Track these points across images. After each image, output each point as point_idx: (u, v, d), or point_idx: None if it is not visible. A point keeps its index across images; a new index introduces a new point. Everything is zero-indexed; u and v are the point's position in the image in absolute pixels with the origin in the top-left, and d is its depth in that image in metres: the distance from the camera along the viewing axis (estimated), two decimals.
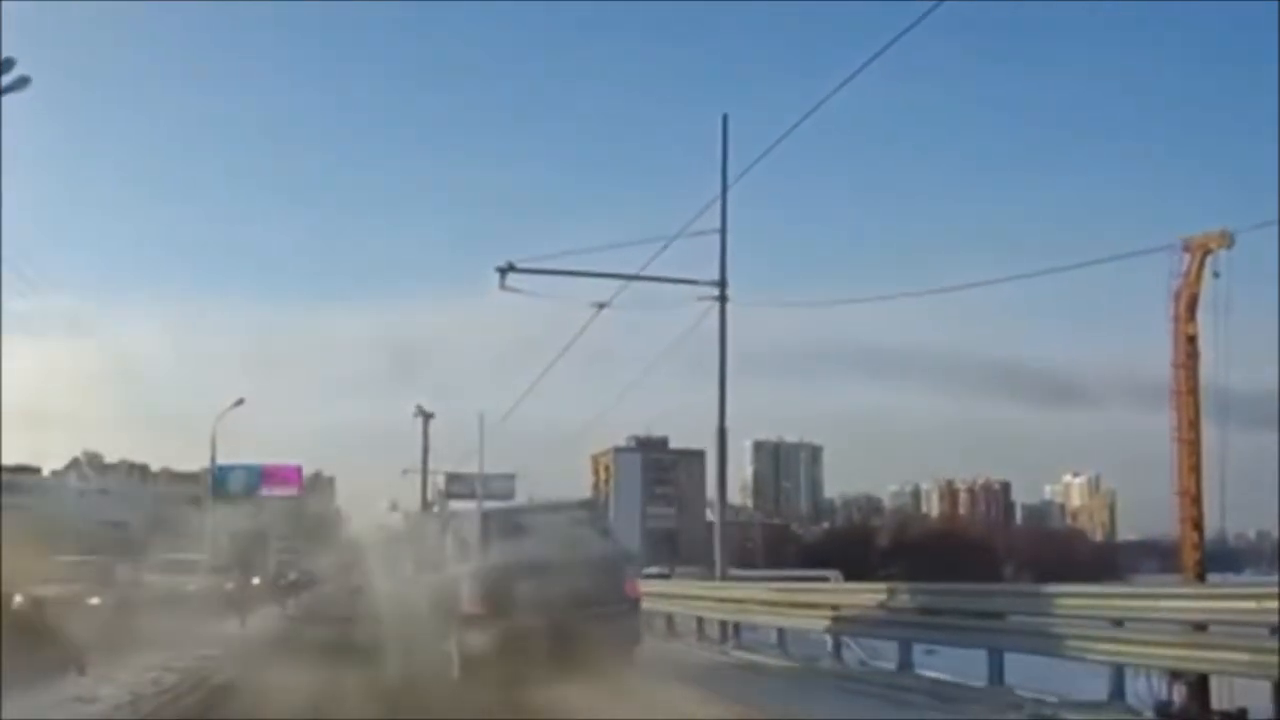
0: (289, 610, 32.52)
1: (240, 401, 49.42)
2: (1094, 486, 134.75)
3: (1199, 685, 10.33)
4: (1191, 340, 32.77)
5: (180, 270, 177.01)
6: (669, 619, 19.83)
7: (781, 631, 15.67)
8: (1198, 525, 32.67)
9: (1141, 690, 9.76)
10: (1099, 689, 10.02)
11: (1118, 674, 9.93)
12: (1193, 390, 32.77)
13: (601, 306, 19.59)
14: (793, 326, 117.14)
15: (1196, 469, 32.71)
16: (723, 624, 17.66)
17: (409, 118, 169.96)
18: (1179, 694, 10.54)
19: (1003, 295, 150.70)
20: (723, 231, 18.25)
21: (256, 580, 38.53)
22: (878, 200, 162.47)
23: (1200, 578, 31.60)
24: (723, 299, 18.37)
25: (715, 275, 18.55)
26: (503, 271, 18.74)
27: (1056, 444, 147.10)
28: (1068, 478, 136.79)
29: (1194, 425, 32.68)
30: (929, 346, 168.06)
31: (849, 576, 41.55)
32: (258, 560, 41.03)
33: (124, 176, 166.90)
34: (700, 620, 18.48)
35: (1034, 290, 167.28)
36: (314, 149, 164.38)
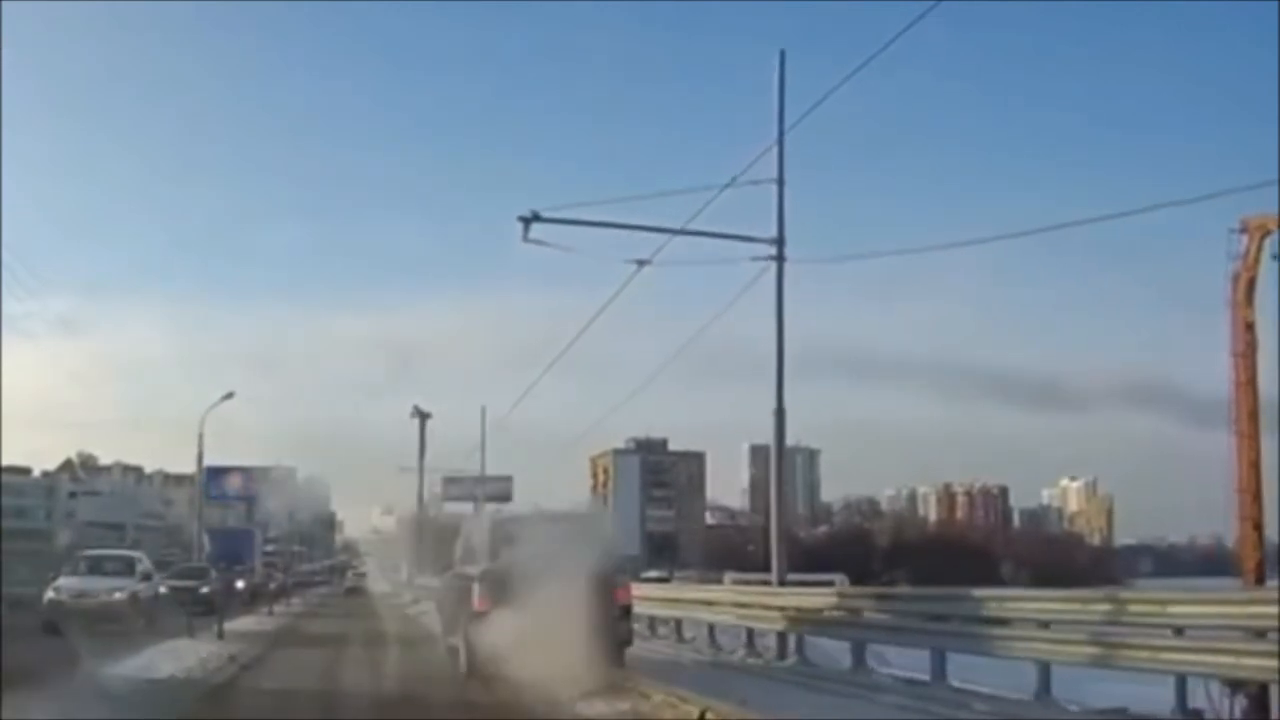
0: (276, 620, 27.57)
1: (229, 395, 46.21)
2: (1091, 490, 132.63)
3: (1260, 696, 9.54)
4: (1250, 328, 29.92)
5: (177, 273, 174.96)
6: (710, 630, 17.12)
7: (862, 648, 12.67)
8: (1258, 525, 29.71)
9: (1200, 699, 8.89)
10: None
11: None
12: (1251, 380, 29.88)
13: (642, 264, 16.56)
14: (789, 329, 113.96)
15: (1256, 464, 29.75)
16: (780, 636, 14.82)
17: (411, 110, 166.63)
18: (1239, 705, 9.74)
19: (1002, 299, 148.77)
20: (780, 182, 15.32)
21: (241, 584, 35.11)
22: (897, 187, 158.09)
23: (1260, 580, 28.61)
24: (780, 258, 15.34)
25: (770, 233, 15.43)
26: (526, 221, 15.70)
27: (1054, 448, 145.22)
28: (1065, 482, 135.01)
29: (1254, 417, 29.75)
30: (925, 350, 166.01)
31: (852, 580, 39.41)
32: (245, 562, 37.25)
33: (122, 179, 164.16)
34: (751, 632, 15.69)
35: (1031, 293, 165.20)
36: (314, 149, 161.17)
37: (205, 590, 28.48)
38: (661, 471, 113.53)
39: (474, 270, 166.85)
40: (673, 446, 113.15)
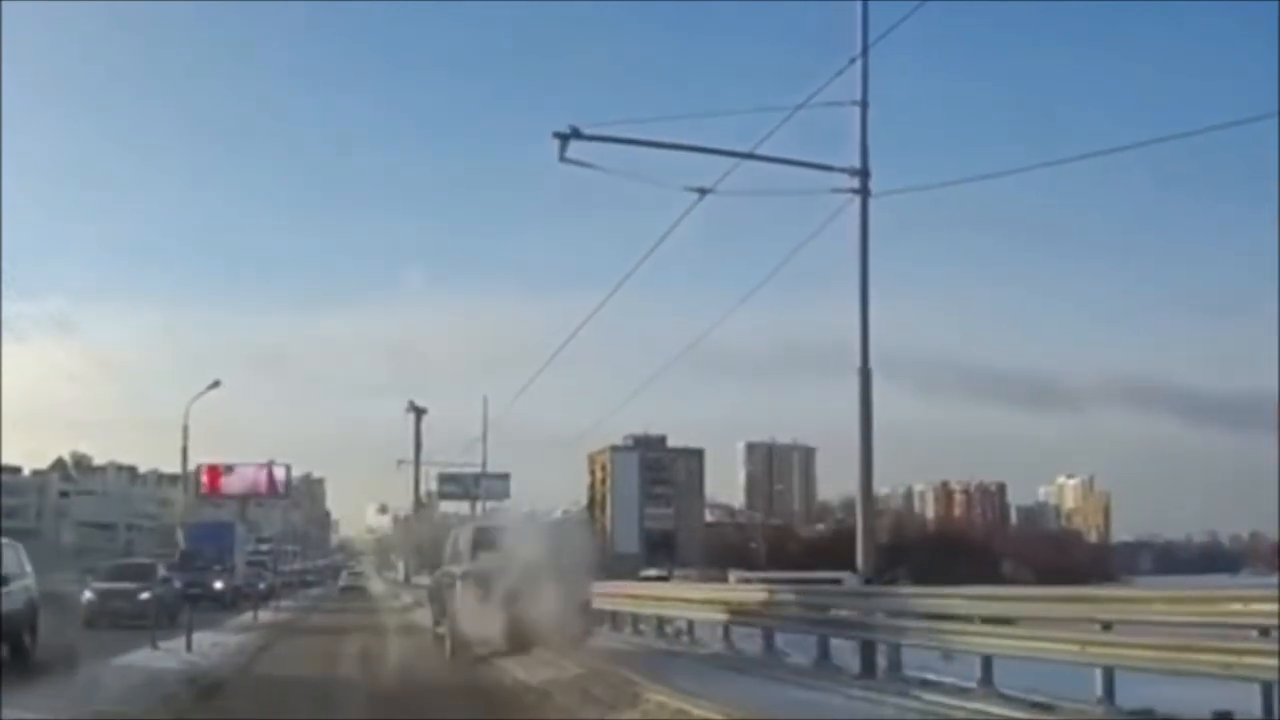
0: (256, 633, 21.52)
1: (216, 384, 43.46)
2: (1088, 487, 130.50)
3: None
4: None
5: (173, 273, 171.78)
6: (768, 637, 14.81)
7: (990, 663, 9.95)
8: None
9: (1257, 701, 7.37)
10: None
11: None
12: None
13: (703, 192, 13.75)
14: (784, 327, 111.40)
15: None
16: (864, 646, 12.34)
17: (411, 108, 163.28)
18: None
19: (999, 297, 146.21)
20: (863, 104, 12.62)
21: (220, 585, 31.52)
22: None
23: None
24: (864, 191, 12.59)
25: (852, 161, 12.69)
26: (563, 138, 12.90)
27: (1049, 446, 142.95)
28: (1061, 479, 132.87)
29: None
30: (921, 348, 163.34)
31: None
32: (225, 559, 33.04)
33: (118, 179, 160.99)
34: (826, 641, 13.32)
35: (1029, 291, 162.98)
36: (312, 148, 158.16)
37: (146, 596, 22.30)
38: (660, 469, 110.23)
39: (473, 268, 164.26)
40: (670, 443, 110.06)
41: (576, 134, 12.88)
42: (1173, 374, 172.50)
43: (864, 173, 12.74)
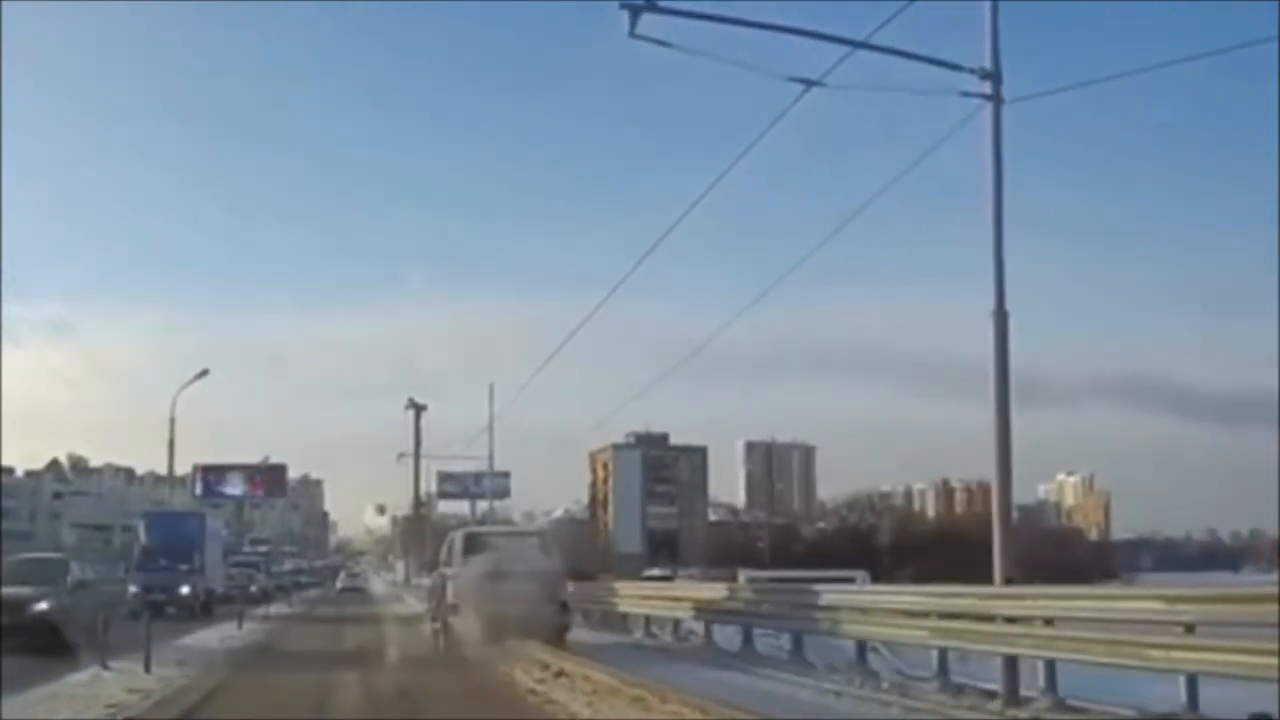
0: (212, 668, 14.59)
1: (204, 373, 41.20)
2: (1088, 485, 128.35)
3: None
4: None
5: (171, 274, 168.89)
6: (861, 650, 12.76)
7: (1194, 682, 7.73)
8: None
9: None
10: None
11: None
12: None
13: (809, 84, 11.24)
14: (783, 328, 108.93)
15: None
16: (1009, 660, 10.22)
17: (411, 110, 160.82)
18: None
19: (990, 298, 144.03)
20: None
21: (187, 589, 27.27)
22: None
23: None
24: (997, 97, 10.26)
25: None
26: (634, 9, 10.39)
27: (1049, 444, 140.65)
28: (1061, 477, 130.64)
29: None
30: (919, 345, 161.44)
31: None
32: (193, 558, 28.32)
33: (117, 179, 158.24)
34: (945, 655, 11.32)
35: (1026, 288, 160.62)
36: (311, 149, 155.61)
37: (44, 607, 16.12)
38: (663, 467, 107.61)
39: (473, 268, 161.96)
40: (673, 441, 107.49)
41: (651, 5, 10.31)
42: (1172, 371, 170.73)
43: (996, 76, 10.40)
